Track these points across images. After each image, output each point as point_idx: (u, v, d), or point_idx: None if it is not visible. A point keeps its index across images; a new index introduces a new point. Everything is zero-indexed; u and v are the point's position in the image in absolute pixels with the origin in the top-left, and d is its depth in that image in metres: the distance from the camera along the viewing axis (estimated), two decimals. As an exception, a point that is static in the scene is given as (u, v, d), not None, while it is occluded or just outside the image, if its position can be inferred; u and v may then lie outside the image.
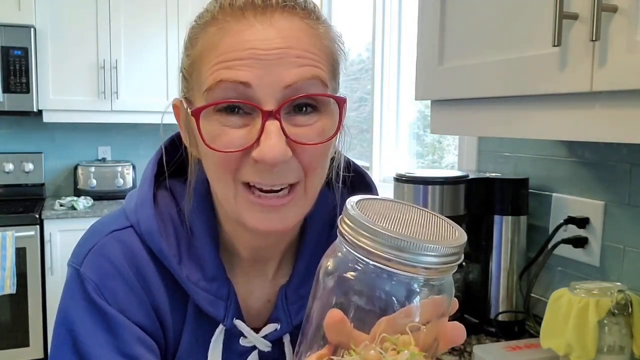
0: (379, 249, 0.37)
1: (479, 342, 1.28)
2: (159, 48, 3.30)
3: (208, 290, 0.63)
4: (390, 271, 0.37)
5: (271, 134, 0.53)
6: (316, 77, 0.56)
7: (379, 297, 0.38)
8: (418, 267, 0.37)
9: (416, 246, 0.37)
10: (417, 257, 0.37)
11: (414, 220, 0.41)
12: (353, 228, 0.39)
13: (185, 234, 0.65)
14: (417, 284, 0.38)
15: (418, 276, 0.38)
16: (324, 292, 0.41)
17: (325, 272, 0.41)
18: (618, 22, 0.70)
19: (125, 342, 0.60)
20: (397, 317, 0.38)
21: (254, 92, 0.54)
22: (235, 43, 0.55)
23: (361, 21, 2.86)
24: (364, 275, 0.38)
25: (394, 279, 0.38)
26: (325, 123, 0.58)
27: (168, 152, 0.69)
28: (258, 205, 0.57)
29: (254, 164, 0.55)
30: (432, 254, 0.37)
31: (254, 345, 0.67)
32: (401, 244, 0.37)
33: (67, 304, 0.62)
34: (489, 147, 1.59)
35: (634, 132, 0.70)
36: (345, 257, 0.40)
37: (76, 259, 0.63)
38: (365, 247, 0.38)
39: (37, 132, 3.45)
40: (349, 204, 0.41)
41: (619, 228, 1.17)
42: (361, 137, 2.90)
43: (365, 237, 0.38)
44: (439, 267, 0.38)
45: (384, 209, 0.42)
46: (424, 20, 1.11)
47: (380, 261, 0.37)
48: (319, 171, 0.60)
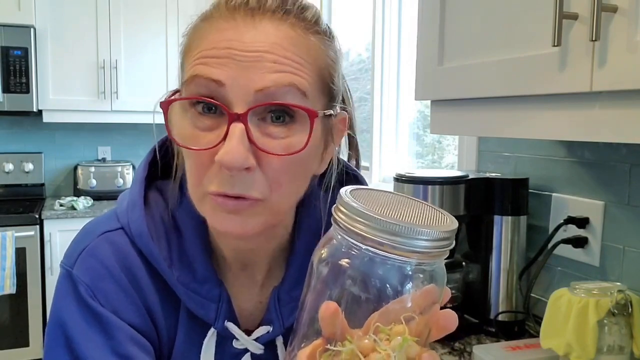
0: (373, 233, 0.38)
1: (479, 342, 1.28)
2: (159, 48, 3.30)
3: (199, 292, 0.63)
4: (383, 255, 0.38)
5: (233, 137, 0.52)
6: (292, 85, 0.54)
7: (372, 283, 0.39)
8: (411, 251, 0.38)
9: (409, 230, 0.37)
10: (410, 241, 0.38)
11: (406, 207, 0.42)
12: (346, 214, 0.39)
13: (176, 235, 0.65)
14: (410, 268, 0.39)
15: (411, 260, 0.38)
16: (318, 280, 0.41)
17: (320, 260, 0.41)
18: (618, 22, 0.70)
19: (119, 343, 0.60)
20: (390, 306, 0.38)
21: (226, 92, 0.53)
22: (216, 40, 0.54)
23: (361, 21, 2.86)
24: (358, 261, 0.39)
25: (387, 264, 0.38)
26: (297, 136, 0.55)
27: (160, 154, 0.68)
28: (218, 207, 0.56)
29: (218, 170, 0.54)
30: (425, 238, 0.38)
31: (246, 348, 0.66)
32: (394, 229, 0.37)
33: (60, 306, 0.62)
34: (489, 147, 1.59)
35: (634, 132, 0.70)
36: (339, 245, 0.40)
37: (68, 260, 0.63)
38: (358, 232, 0.38)
39: (37, 132, 3.45)
40: (343, 191, 0.41)
41: (619, 228, 1.17)
42: (361, 137, 2.90)
43: (359, 222, 0.38)
44: (431, 251, 0.38)
45: (376, 197, 0.43)
46: (424, 20, 1.11)
47: (374, 245, 0.38)
48: (286, 188, 0.57)
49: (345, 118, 0.65)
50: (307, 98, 0.55)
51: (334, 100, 0.61)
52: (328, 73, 0.59)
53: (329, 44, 0.60)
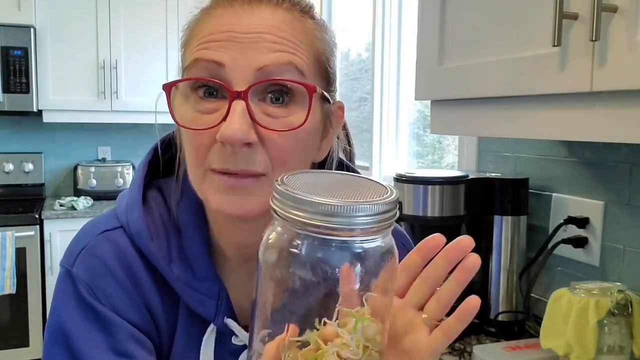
0: (309, 217, 0.37)
1: (479, 342, 1.28)
2: (159, 48, 3.30)
3: (198, 289, 0.63)
4: (324, 238, 0.37)
5: (234, 113, 0.53)
6: (290, 63, 0.55)
7: (321, 267, 0.38)
8: (351, 229, 0.37)
9: (346, 208, 0.37)
10: (348, 220, 0.37)
11: (344, 185, 0.41)
12: (282, 201, 0.39)
13: (176, 233, 0.65)
14: (355, 247, 0.38)
15: (354, 239, 0.38)
16: (267, 270, 0.40)
17: (265, 248, 0.41)
18: (618, 22, 0.70)
19: (119, 341, 0.60)
20: (347, 289, 0.38)
21: (226, 72, 0.55)
22: (216, 25, 0.56)
23: (361, 21, 2.86)
24: (303, 248, 0.38)
25: (331, 246, 0.38)
26: (297, 115, 0.56)
27: (160, 153, 0.69)
28: (221, 186, 0.56)
29: (220, 148, 0.55)
30: (364, 214, 0.37)
31: (245, 344, 0.66)
32: (330, 209, 0.37)
33: (60, 305, 0.62)
34: (489, 147, 1.59)
35: (634, 132, 0.70)
36: (281, 233, 0.40)
37: (68, 259, 0.63)
38: (296, 218, 0.38)
39: (37, 132, 3.45)
40: (277, 179, 0.41)
41: (619, 228, 1.17)
42: (361, 137, 2.90)
43: (295, 207, 0.38)
44: (372, 226, 0.38)
45: (314, 179, 0.42)
46: (424, 20, 1.11)
47: (313, 230, 0.37)
48: (288, 166, 0.57)
49: (343, 106, 0.66)
50: (305, 77, 0.57)
51: (332, 85, 0.63)
52: (325, 57, 0.61)
53: (324, 29, 0.62)
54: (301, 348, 0.39)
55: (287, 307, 0.40)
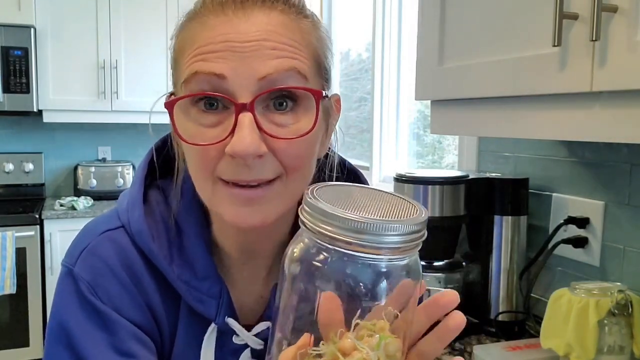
0: (340, 233, 0.37)
1: (479, 342, 1.28)
2: (159, 48, 3.30)
3: (199, 289, 0.63)
4: (352, 255, 0.37)
5: (243, 126, 0.52)
6: (293, 69, 0.55)
7: (346, 283, 0.38)
8: (380, 247, 0.37)
9: (377, 227, 0.36)
10: (378, 238, 0.36)
11: (374, 202, 0.41)
12: (312, 214, 0.38)
13: (177, 233, 0.65)
14: (382, 265, 0.38)
15: (381, 257, 0.37)
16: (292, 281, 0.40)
17: (291, 260, 0.40)
18: (618, 22, 0.70)
19: (120, 340, 0.60)
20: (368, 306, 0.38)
21: (228, 84, 0.53)
22: (212, 36, 0.55)
23: (361, 21, 2.86)
24: (329, 262, 0.38)
25: (358, 263, 0.37)
26: (304, 120, 0.56)
27: (160, 152, 0.69)
28: (235, 198, 0.56)
29: (230, 160, 0.54)
30: (394, 233, 0.37)
31: (246, 343, 0.67)
32: (361, 226, 0.36)
33: (61, 304, 0.62)
34: (489, 147, 1.59)
35: (634, 132, 0.70)
36: (309, 245, 0.39)
37: (69, 259, 0.63)
38: (325, 232, 0.37)
39: (37, 132, 3.45)
40: (307, 191, 0.40)
41: (619, 228, 1.17)
42: (361, 137, 2.90)
43: (325, 222, 0.37)
44: (401, 246, 0.37)
45: (343, 193, 0.42)
46: (424, 20, 1.11)
47: (342, 245, 0.37)
48: (302, 171, 0.58)
49: (339, 99, 0.66)
50: (307, 80, 0.56)
51: (328, 81, 0.62)
52: (322, 54, 0.60)
53: (318, 26, 0.61)
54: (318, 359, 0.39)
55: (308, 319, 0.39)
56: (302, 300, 0.39)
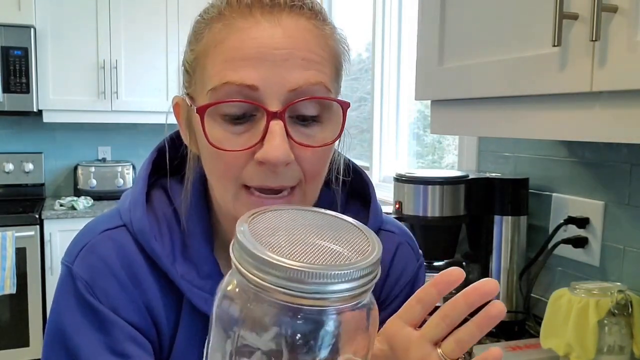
0: (278, 283, 0.31)
1: (479, 342, 1.28)
2: (159, 48, 3.30)
3: (203, 288, 0.63)
4: (294, 306, 0.31)
5: (275, 134, 0.53)
6: (320, 83, 0.56)
7: (283, 335, 0.32)
8: (326, 298, 0.31)
9: (317, 275, 0.30)
10: (323, 287, 0.31)
11: (322, 231, 0.35)
12: (243, 257, 0.32)
13: (180, 232, 0.65)
14: (326, 315, 0.32)
15: (326, 308, 0.32)
16: (221, 321, 0.35)
17: (223, 296, 0.35)
18: (618, 22, 0.70)
19: (116, 340, 0.60)
20: None
21: (259, 93, 0.54)
22: (241, 41, 0.54)
23: (361, 21, 2.85)
24: (262, 311, 0.32)
25: (298, 315, 0.32)
26: (329, 130, 0.58)
27: (163, 152, 0.69)
28: (256, 204, 0.56)
29: (256, 167, 0.55)
30: (340, 281, 0.31)
31: None
32: (298, 275, 0.30)
33: (59, 302, 0.62)
34: (489, 147, 1.59)
35: (634, 132, 0.70)
36: (241, 288, 0.33)
37: (69, 257, 0.63)
38: (258, 280, 0.31)
39: (37, 132, 3.45)
40: (239, 223, 0.34)
41: (619, 228, 1.17)
42: (361, 137, 2.90)
43: (256, 267, 0.31)
44: (350, 293, 0.32)
45: (285, 221, 0.36)
46: (424, 20, 1.11)
47: (278, 296, 0.31)
48: (319, 179, 0.60)
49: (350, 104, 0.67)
50: (331, 92, 0.58)
51: (340, 86, 0.64)
52: (340, 62, 0.62)
53: (337, 31, 0.62)
54: None
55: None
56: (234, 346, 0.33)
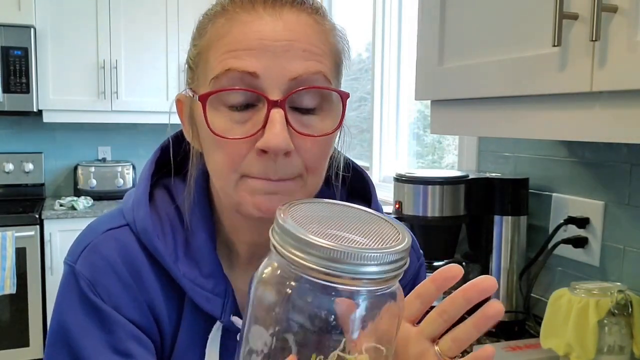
0: (310, 260, 0.33)
1: (479, 342, 1.28)
2: (159, 48, 3.30)
3: (205, 287, 0.64)
4: (329, 285, 0.34)
5: (276, 122, 0.54)
6: (320, 73, 0.57)
7: (317, 314, 0.34)
8: (359, 279, 0.33)
9: (352, 255, 0.33)
10: (357, 268, 0.33)
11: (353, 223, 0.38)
12: (282, 236, 0.35)
13: (182, 231, 0.65)
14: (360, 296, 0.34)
15: (360, 288, 0.34)
16: (259, 305, 0.37)
17: (258, 282, 0.37)
18: (618, 22, 0.70)
19: (119, 339, 0.60)
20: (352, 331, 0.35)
21: (260, 82, 0.55)
22: (244, 33, 0.56)
23: (361, 21, 2.85)
24: (299, 290, 0.34)
25: (332, 294, 0.34)
26: (329, 120, 0.58)
27: (167, 151, 0.69)
28: (258, 189, 0.57)
29: (257, 157, 0.55)
30: (374, 263, 0.33)
31: None
32: (334, 255, 0.33)
33: (62, 301, 0.62)
34: (489, 147, 1.59)
35: (634, 132, 0.70)
36: (278, 270, 0.36)
37: (71, 256, 0.64)
38: (295, 258, 0.34)
39: (37, 132, 3.45)
40: (278, 211, 0.37)
41: (619, 228, 1.17)
42: (361, 137, 2.90)
43: (295, 247, 0.34)
44: (381, 276, 0.34)
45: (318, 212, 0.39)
46: (424, 20, 1.11)
47: (317, 275, 0.33)
48: (320, 171, 0.60)
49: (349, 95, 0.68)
50: (331, 84, 0.59)
51: (341, 83, 0.65)
52: (341, 58, 0.63)
53: (338, 29, 0.64)
54: None
55: (276, 348, 0.36)
56: (270, 328, 0.36)
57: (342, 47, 0.64)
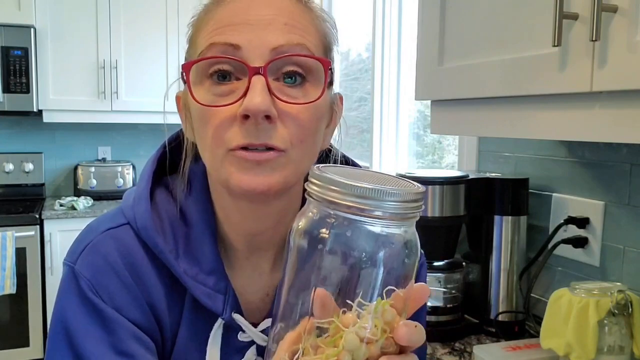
0: (342, 198, 0.39)
1: (479, 342, 1.28)
2: (159, 48, 3.30)
3: (206, 283, 0.64)
4: (353, 219, 0.40)
5: (256, 87, 0.55)
6: (303, 45, 0.58)
7: (348, 249, 0.40)
8: (380, 212, 0.39)
9: (377, 192, 0.39)
10: (379, 203, 0.39)
11: (377, 178, 0.44)
12: (317, 184, 0.41)
13: (183, 229, 0.65)
14: (381, 231, 0.40)
15: (384, 222, 0.40)
16: (297, 254, 0.42)
17: (297, 234, 0.43)
18: (618, 22, 0.70)
19: (120, 339, 0.60)
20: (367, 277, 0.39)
21: (242, 53, 0.56)
22: (228, 12, 0.58)
23: (361, 21, 2.86)
24: (332, 229, 0.40)
25: (360, 228, 0.40)
26: (312, 93, 0.59)
27: (168, 150, 0.69)
28: (243, 162, 0.57)
29: (240, 125, 0.56)
30: (394, 200, 0.39)
31: (252, 340, 0.67)
32: (362, 192, 0.39)
33: (63, 302, 0.62)
34: (489, 147, 1.59)
35: (634, 132, 0.70)
36: (314, 218, 0.42)
37: (71, 257, 0.64)
38: (329, 198, 0.40)
39: (37, 132, 3.45)
40: (314, 167, 0.43)
41: (619, 228, 1.17)
42: (361, 137, 2.90)
43: (328, 189, 0.40)
44: (401, 212, 0.40)
45: (347, 171, 0.45)
46: (424, 20, 1.11)
47: (343, 210, 0.39)
48: (306, 145, 0.59)
49: (342, 98, 0.69)
50: None
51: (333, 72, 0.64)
52: (329, 41, 0.64)
53: (327, 16, 0.65)
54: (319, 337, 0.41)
55: (312, 286, 0.41)
56: (306, 269, 0.41)
57: (329, 31, 0.64)
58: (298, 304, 0.42)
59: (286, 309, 0.43)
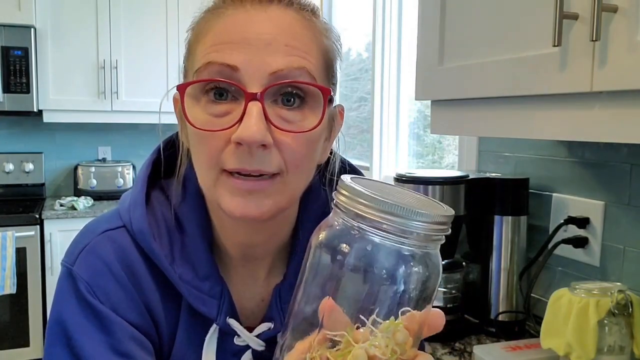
0: (370, 213, 0.38)
1: (479, 342, 1.28)
2: (159, 48, 3.30)
3: (201, 289, 0.63)
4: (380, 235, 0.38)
5: (251, 115, 0.53)
6: (303, 68, 0.56)
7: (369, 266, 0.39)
8: (408, 232, 0.38)
9: (407, 211, 0.38)
10: (407, 222, 0.38)
11: (405, 196, 0.43)
12: (346, 195, 0.40)
13: (178, 233, 0.65)
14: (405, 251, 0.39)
15: (407, 242, 0.39)
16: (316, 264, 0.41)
17: (318, 243, 0.42)
18: (618, 22, 0.70)
19: (118, 340, 0.60)
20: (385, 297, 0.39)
21: (240, 75, 0.55)
22: (228, 27, 0.56)
23: (361, 21, 2.86)
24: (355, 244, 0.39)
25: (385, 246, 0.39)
26: (310, 118, 0.57)
27: (164, 153, 0.69)
28: (236, 189, 0.56)
29: (234, 149, 0.55)
30: (422, 220, 0.38)
31: (247, 345, 0.67)
32: (392, 209, 0.38)
33: (60, 303, 0.62)
34: (489, 147, 1.59)
35: (634, 132, 0.70)
36: (338, 229, 0.41)
37: (69, 258, 0.64)
38: (357, 211, 0.39)
39: (37, 132, 3.45)
40: (344, 177, 0.42)
41: (619, 228, 1.17)
42: (361, 137, 2.90)
43: (357, 202, 0.39)
44: (428, 233, 0.39)
45: (376, 185, 0.44)
46: (424, 20, 1.11)
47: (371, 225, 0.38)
48: (301, 170, 0.59)
49: (343, 109, 0.68)
50: (316, 81, 0.58)
51: (335, 85, 0.63)
52: (331, 58, 0.62)
53: (330, 31, 0.63)
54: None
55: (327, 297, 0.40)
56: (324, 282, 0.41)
57: (334, 48, 0.62)
58: (311, 314, 0.41)
59: (298, 318, 0.43)
